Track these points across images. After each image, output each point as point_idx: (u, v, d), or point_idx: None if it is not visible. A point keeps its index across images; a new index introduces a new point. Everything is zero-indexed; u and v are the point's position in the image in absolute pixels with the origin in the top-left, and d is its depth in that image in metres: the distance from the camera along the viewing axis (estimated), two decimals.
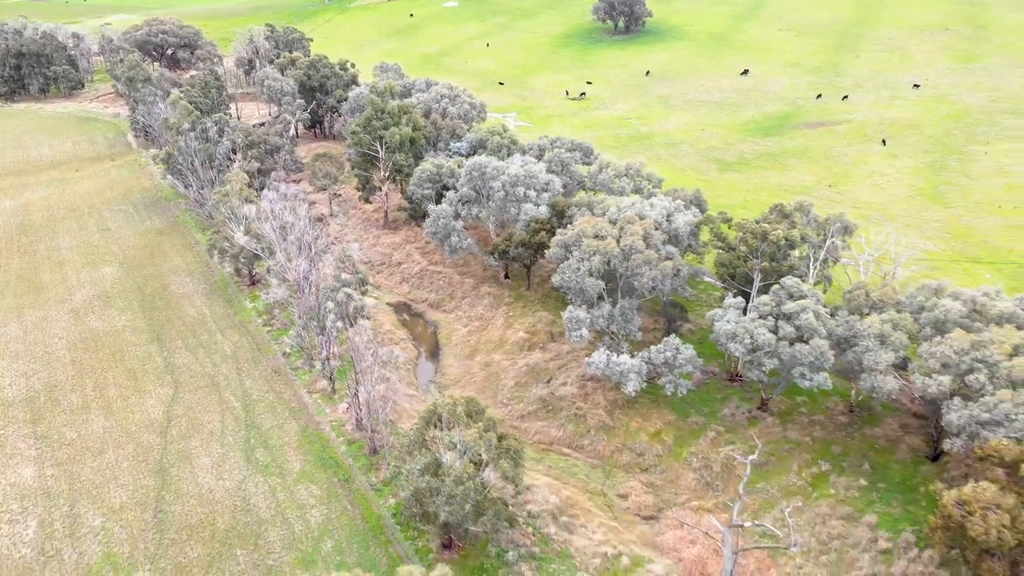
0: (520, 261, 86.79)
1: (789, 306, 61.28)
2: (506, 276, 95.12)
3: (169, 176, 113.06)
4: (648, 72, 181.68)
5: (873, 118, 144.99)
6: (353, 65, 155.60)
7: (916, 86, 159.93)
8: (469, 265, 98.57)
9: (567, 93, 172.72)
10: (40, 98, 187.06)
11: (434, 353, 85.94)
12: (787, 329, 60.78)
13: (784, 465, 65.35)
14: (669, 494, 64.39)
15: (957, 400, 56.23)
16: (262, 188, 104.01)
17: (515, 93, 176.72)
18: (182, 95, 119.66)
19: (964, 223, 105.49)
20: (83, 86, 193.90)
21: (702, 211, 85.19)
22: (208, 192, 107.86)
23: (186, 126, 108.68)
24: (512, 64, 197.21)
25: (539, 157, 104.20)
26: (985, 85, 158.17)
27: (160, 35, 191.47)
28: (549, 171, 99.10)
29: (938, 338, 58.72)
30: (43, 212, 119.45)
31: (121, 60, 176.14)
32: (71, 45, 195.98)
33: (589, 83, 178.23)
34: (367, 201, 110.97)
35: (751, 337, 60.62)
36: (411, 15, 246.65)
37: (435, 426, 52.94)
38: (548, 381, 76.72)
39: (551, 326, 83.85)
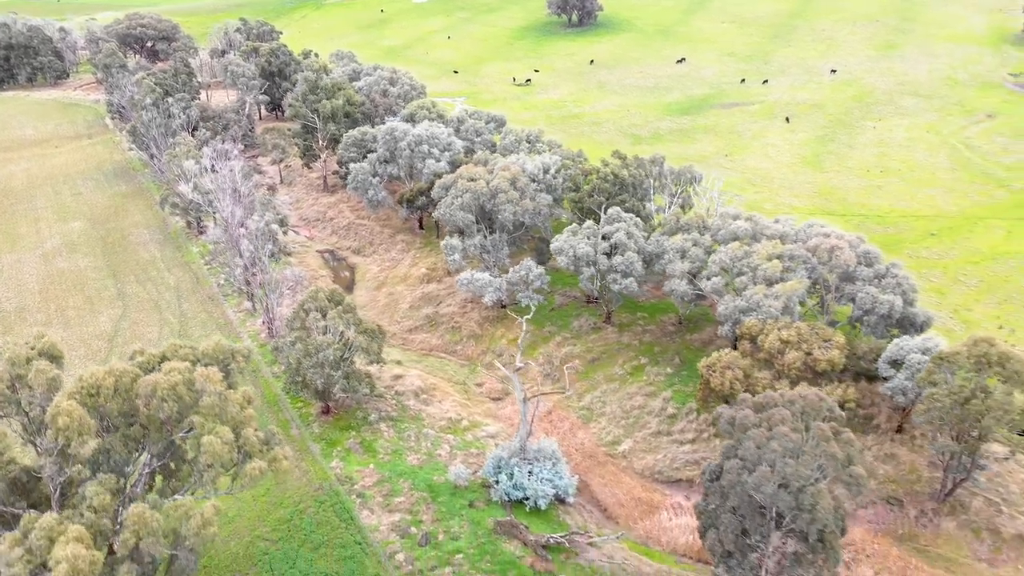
0: (422, 208, 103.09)
1: (607, 228, 77.53)
2: (420, 227, 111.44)
3: (134, 147, 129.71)
4: (592, 61, 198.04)
5: (785, 99, 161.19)
6: (317, 55, 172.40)
7: (833, 71, 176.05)
8: (390, 219, 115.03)
9: (514, 80, 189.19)
10: (27, 87, 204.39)
11: (349, 287, 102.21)
12: (604, 245, 77.03)
13: (612, 360, 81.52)
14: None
15: (728, 296, 72.39)
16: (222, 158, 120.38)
17: (468, 80, 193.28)
18: (147, 75, 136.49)
19: (831, 184, 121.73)
20: (68, 76, 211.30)
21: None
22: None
23: (148, 101, 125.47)
24: (469, 55, 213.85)
25: (457, 128, 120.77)
26: (895, 71, 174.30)
27: (139, 28, 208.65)
28: (464, 138, 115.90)
29: (721, 249, 74.92)
30: (23, 180, 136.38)
31: (100, 51, 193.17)
32: (57, 38, 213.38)
33: (536, 71, 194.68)
34: (308, 167, 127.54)
35: (573, 251, 76.84)
36: (381, 11, 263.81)
37: (306, 312, 69.16)
38: (437, 305, 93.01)
39: (448, 265, 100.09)
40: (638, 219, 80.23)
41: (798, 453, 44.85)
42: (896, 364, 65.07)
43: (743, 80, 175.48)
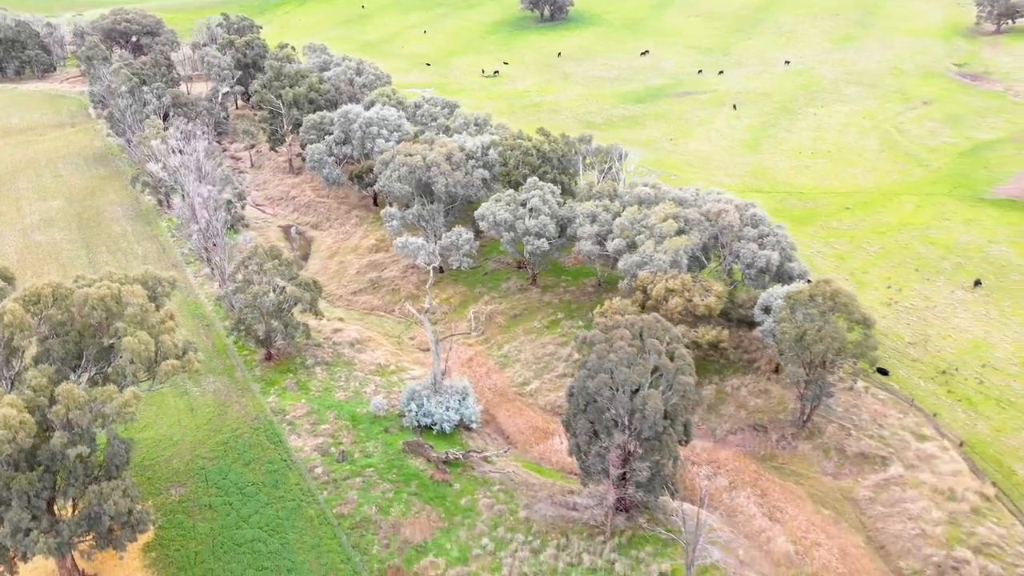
0: (371, 185, 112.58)
1: (523, 196, 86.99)
2: (375, 203, 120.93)
3: (112, 134, 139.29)
4: (559, 54, 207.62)
5: (736, 89, 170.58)
6: (293, 48, 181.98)
7: (787, 63, 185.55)
8: (347, 197, 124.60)
9: (483, 72, 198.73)
10: (15, 80, 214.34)
11: (305, 257, 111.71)
12: (522, 211, 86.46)
13: (533, 316, 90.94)
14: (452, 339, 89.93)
15: (627, 254, 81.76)
16: (187, 140, 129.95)
17: (439, 72, 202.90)
18: (124, 66, 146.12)
19: (764, 165, 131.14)
20: (55, 69, 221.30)
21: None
22: None
23: (124, 89, 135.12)
24: (442, 48, 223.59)
25: (414, 113, 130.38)
26: (846, 61, 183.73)
27: (124, 24, 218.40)
28: (420, 122, 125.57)
29: (625, 212, 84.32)
30: (7, 164, 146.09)
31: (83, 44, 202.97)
32: (44, 33, 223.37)
33: (505, 63, 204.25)
34: (274, 151, 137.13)
35: (494, 216, 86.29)
36: (362, 7, 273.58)
37: (246, 265, 78.54)
38: (381, 271, 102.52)
39: (389, 232, 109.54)
40: (554, 188, 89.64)
41: (632, 363, 54.21)
42: (767, 310, 74.37)
43: (700, 71, 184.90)
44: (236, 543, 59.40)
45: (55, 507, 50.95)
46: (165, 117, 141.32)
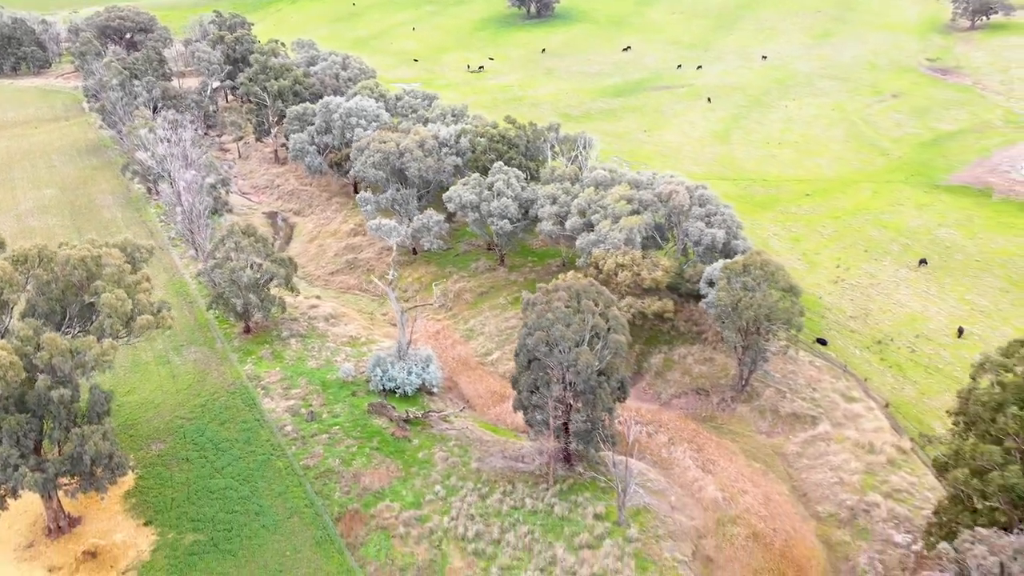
0: (349, 171, 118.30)
1: (489, 179, 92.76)
2: (355, 190, 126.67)
3: (103, 124, 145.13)
4: (544, 50, 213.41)
5: (713, 83, 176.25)
6: (283, 44, 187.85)
7: (764, 57, 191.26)
8: (329, 185, 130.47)
9: (468, 67, 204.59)
10: (11, 75, 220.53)
11: (288, 241, 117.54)
12: (487, 193, 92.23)
13: (499, 293, 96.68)
14: (418, 311, 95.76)
15: (584, 233, 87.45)
16: (174, 128, 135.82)
17: (426, 68, 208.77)
18: (115, 60, 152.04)
19: (732, 155, 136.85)
20: (50, 65, 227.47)
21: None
22: None
23: (115, 82, 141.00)
24: (431, 44, 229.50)
25: (395, 104, 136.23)
26: (822, 56, 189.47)
27: (118, 21, 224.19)
28: (401, 113, 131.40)
29: (582, 193, 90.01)
30: (3, 156, 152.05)
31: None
32: (39, 30, 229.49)
33: (491, 59, 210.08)
34: (260, 141, 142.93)
35: (460, 198, 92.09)
36: (353, 4, 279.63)
37: (224, 242, 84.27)
38: (358, 253, 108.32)
39: (364, 216, 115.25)
40: (519, 172, 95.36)
41: (568, 322, 59.91)
42: (711, 284, 80.00)
43: (679, 66, 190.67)
44: (209, 490, 65.13)
45: (42, 450, 56.68)
46: (155, 110, 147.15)
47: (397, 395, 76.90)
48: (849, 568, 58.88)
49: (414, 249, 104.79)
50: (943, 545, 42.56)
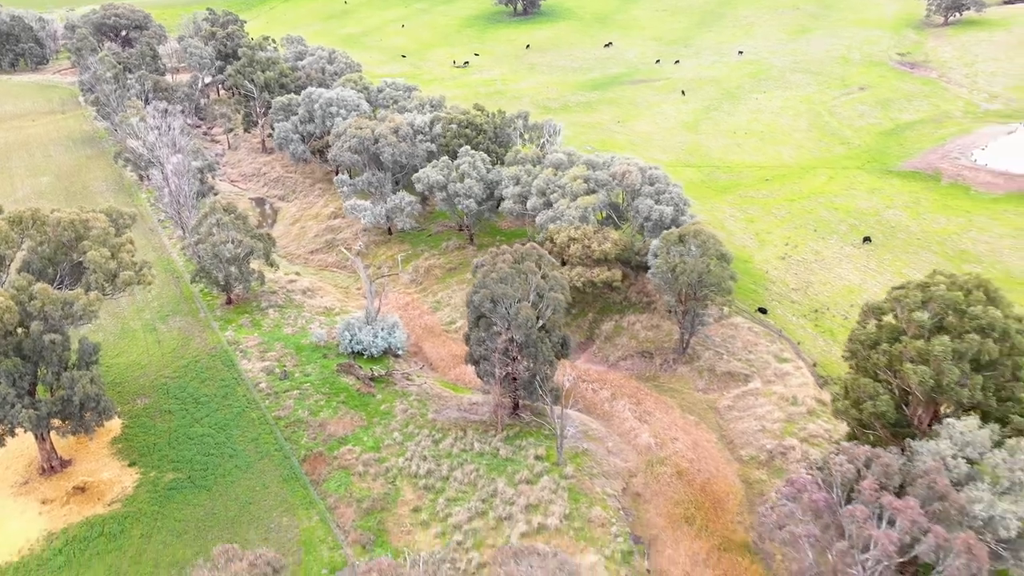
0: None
1: (457, 162, 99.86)
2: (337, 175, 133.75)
3: (98, 117, 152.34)
4: (528, 46, 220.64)
5: (689, 76, 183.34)
6: (274, 40, 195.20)
7: (740, 53, 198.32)
8: (313, 172, 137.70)
9: (454, 63, 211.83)
10: (10, 71, 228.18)
11: (272, 224, 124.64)
12: (454, 175, 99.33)
13: (466, 269, 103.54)
14: (389, 287, 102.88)
15: (543, 211, 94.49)
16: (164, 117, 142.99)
17: (414, 64, 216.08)
18: (109, 54, 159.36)
19: (700, 143, 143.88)
20: (47, 62, 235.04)
21: None
22: None
23: (109, 75, 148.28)
24: (419, 41, 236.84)
25: (377, 95, 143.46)
26: (796, 51, 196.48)
27: (114, 18, 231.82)
28: (382, 104, 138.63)
29: (543, 174, 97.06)
30: (0, 146, 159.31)
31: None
32: (37, 27, 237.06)
33: (476, 55, 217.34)
34: (248, 132, 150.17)
35: (428, 179, 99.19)
36: (345, 2, 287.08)
37: (207, 218, 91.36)
38: (337, 233, 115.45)
39: (341, 198, 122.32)
40: (485, 156, 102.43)
41: (509, 281, 66.93)
42: (656, 255, 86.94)
43: (658, 61, 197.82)
44: (189, 437, 72.20)
45: (36, 394, 63.72)
46: (147, 101, 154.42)
47: (365, 356, 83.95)
48: (762, 501, 65.82)
49: (389, 229, 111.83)
50: (813, 455, 49.34)
